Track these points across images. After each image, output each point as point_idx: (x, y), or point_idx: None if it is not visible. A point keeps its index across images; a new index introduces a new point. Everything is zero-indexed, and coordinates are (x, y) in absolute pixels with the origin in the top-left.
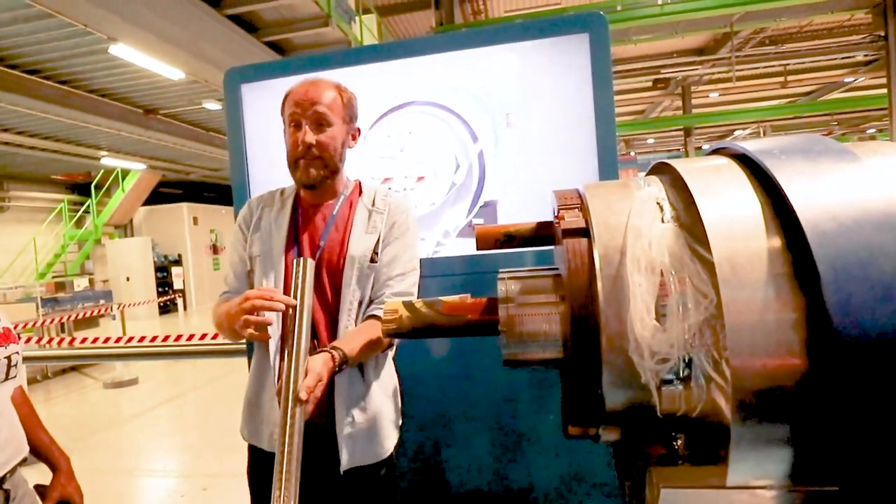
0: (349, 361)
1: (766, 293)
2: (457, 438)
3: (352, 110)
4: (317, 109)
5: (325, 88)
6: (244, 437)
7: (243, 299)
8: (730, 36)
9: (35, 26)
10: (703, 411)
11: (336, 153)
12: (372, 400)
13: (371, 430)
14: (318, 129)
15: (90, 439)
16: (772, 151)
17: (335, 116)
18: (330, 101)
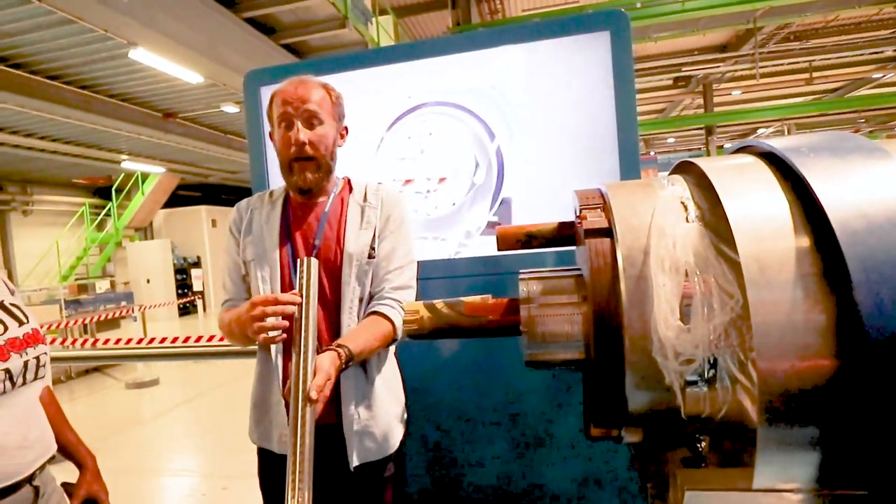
0: (355, 358)
1: (795, 293)
2: (472, 436)
3: (340, 109)
4: (308, 108)
5: (313, 87)
6: (253, 440)
7: (250, 307)
8: (753, 32)
9: (57, 32)
10: (729, 413)
11: (328, 152)
12: (377, 396)
13: (378, 427)
14: (309, 127)
15: (113, 439)
16: (799, 149)
17: (325, 114)
18: (319, 99)
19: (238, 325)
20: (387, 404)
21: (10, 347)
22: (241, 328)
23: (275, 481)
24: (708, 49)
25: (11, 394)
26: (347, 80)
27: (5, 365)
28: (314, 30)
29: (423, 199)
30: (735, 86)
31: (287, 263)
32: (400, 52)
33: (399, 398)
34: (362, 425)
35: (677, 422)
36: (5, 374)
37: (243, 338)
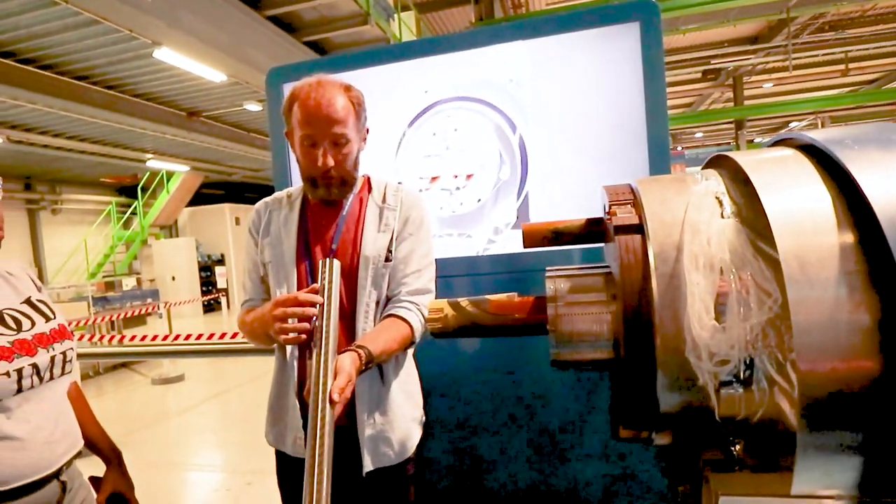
0: (374, 360)
1: (838, 292)
2: (495, 436)
3: (362, 114)
4: (335, 131)
5: (335, 97)
6: (269, 442)
7: (273, 306)
8: (786, 22)
9: (83, 33)
10: (765, 416)
11: (353, 166)
12: (392, 400)
13: (393, 431)
14: (335, 148)
15: (139, 434)
16: (843, 141)
17: (351, 131)
18: (344, 115)
19: (261, 324)
20: (403, 409)
21: (38, 343)
22: (263, 327)
23: (292, 483)
24: (738, 41)
25: (39, 388)
26: (368, 77)
27: (32, 360)
28: (336, 27)
29: (448, 195)
30: (766, 78)
31: (304, 266)
32: (422, 47)
33: (416, 402)
34: (377, 430)
35: (711, 424)
36: (32, 369)
37: (265, 337)
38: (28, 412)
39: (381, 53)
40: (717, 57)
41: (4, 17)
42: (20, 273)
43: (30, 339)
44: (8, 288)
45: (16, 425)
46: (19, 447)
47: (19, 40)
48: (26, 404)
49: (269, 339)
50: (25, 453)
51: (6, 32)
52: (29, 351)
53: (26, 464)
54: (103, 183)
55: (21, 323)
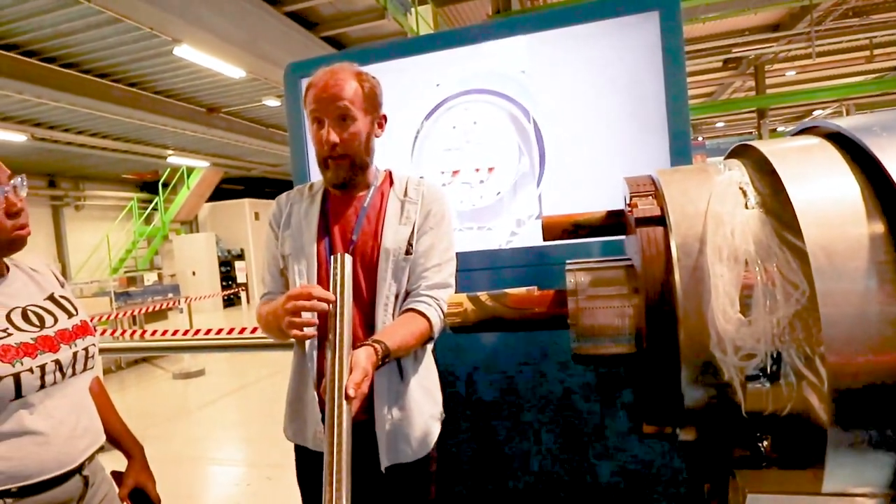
0: (391, 355)
1: (867, 283)
2: (517, 431)
3: (375, 99)
4: (338, 105)
5: (344, 80)
6: (288, 437)
7: (286, 300)
8: (808, 9)
9: (105, 31)
10: (794, 411)
11: (362, 148)
12: (411, 396)
13: (411, 428)
14: (341, 125)
15: (160, 428)
16: (870, 128)
17: (357, 110)
18: (351, 94)
19: (274, 318)
20: (421, 405)
21: (60, 339)
22: (276, 321)
23: (312, 478)
24: (759, 28)
25: (62, 384)
26: (382, 71)
27: (55, 356)
28: (354, 21)
29: (469, 189)
30: (789, 66)
31: (325, 258)
32: (438, 40)
33: (435, 398)
34: (394, 426)
35: (737, 420)
36: (55, 365)
37: (278, 331)
38: (51, 407)
39: (395, 48)
40: (738, 45)
41: (29, 16)
42: (44, 269)
43: (52, 336)
44: (32, 284)
45: (39, 420)
46: (43, 442)
47: (44, 39)
48: (49, 400)
49: (282, 333)
50: (49, 448)
51: (31, 32)
52: (52, 347)
53: (49, 458)
54: (125, 179)
55: (44, 319)
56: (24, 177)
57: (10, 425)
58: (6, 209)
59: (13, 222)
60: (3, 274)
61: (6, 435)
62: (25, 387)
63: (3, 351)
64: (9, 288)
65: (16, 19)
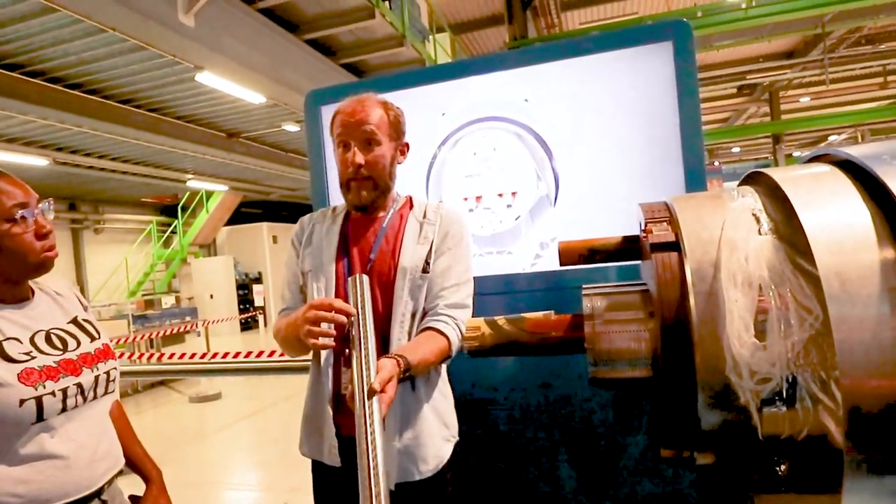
0: (412, 370)
1: (880, 309)
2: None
3: (399, 127)
4: (364, 129)
5: (371, 107)
6: (303, 452)
7: (307, 308)
8: (822, 37)
9: (129, 59)
10: (810, 435)
11: (385, 171)
12: (423, 415)
13: (419, 448)
14: (366, 148)
15: (177, 451)
16: (881, 156)
17: (382, 135)
18: (377, 119)
19: (293, 328)
20: (432, 426)
21: (82, 362)
22: (294, 331)
23: (329, 494)
24: (773, 56)
25: (83, 408)
26: (401, 99)
27: (77, 380)
28: (373, 49)
29: (490, 214)
30: (803, 92)
31: (343, 276)
32: (456, 69)
33: (447, 419)
34: (404, 445)
35: (754, 444)
36: (77, 389)
37: (296, 342)
38: (72, 431)
39: (410, 77)
40: (753, 72)
41: (54, 44)
42: (68, 293)
43: (75, 359)
44: (56, 308)
45: (60, 444)
46: (63, 466)
47: (68, 66)
48: (70, 423)
49: (300, 344)
50: (69, 472)
51: (56, 59)
52: (74, 371)
53: (70, 482)
54: (145, 203)
55: (67, 342)
56: (52, 201)
57: (31, 448)
58: (35, 231)
59: (42, 244)
60: (28, 297)
61: (27, 458)
62: (47, 410)
63: (26, 374)
64: (33, 311)
65: (42, 47)
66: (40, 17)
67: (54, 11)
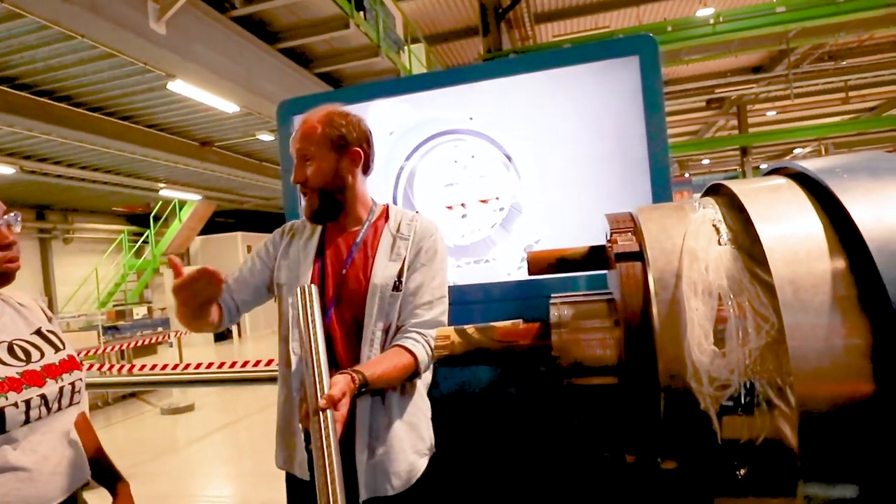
0: (369, 385)
1: (832, 317)
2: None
3: (341, 138)
4: (298, 148)
5: (308, 124)
6: (278, 464)
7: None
8: (786, 53)
9: (98, 66)
10: (768, 439)
11: (327, 180)
12: (394, 432)
13: (392, 462)
14: (303, 164)
15: (148, 465)
16: (834, 170)
17: (318, 149)
18: (311, 136)
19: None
20: (404, 441)
21: (46, 373)
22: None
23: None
24: (741, 70)
25: (47, 419)
26: (367, 110)
27: (41, 391)
28: (348, 59)
29: (466, 221)
30: (770, 106)
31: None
32: (425, 80)
33: (421, 434)
34: (376, 459)
35: (714, 448)
36: (41, 400)
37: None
38: (35, 443)
39: (380, 87)
40: (721, 86)
41: (20, 50)
42: (31, 304)
43: (38, 370)
44: (19, 319)
45: (23, 456)
46: (26, 478)
47: (36, 73)
48: (33, 435)
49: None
50: (33, 484)
51: (24, 65)
52: (38, 381)
53: (33, 495)
54: (116, 212)
55: (30, 354)
56: (19, 213)
57: None
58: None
59: (3, 254)
60: None
61: None
62: (10, 422)
63: None
64: None
65: (7, 53)
66: (6, 22)
67: (21, 17)
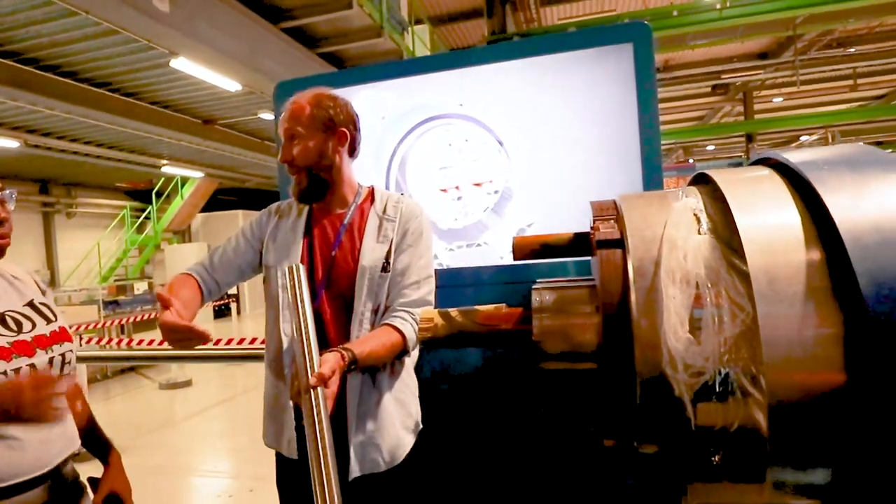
0: (359, 362)
1: (805, 307)
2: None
3: (329, 119)
4: (286, 128)
5: (295, 105)
6: (266, 443)
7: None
8: (794, 39)
9: (102, 42)
10: (742, 426)
11: (314, 160)
12: (384, 408)
13: (383, 439)
14: (290, 144)
15: (145, 438)
16: (815, 162)
17: (304, 128)
18: (298, 116)
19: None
20: (394, 417)
21: (37, 344)
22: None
23: (290, 485)
24: (747, 56)
25: None
26: (360, 92)
27: (30, 360)
28: (350, 39)
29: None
30: (776, 93)
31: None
32: (418, 64)
33: (409, 410)
34: (367, 436)
35: (689, 434)
36: (31, 370)
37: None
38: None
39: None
40: (726, 72)
41: (26, 25)
42: (25, 277)
43: (29, 341)
44: (12, 290)
45: (12, 425)
46: (17, 446)
47: (41, 48)
48: None
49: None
50: (23, 453)
51: (29, 40)
52: (27, 352)
53: (23, 462)
54: (118, 188)
55: (22, 324)
56: (15, 192)
57: None
58: None
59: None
60: None
61: None
62: None
63: None
64: None
65: (13, 27)
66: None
67: None
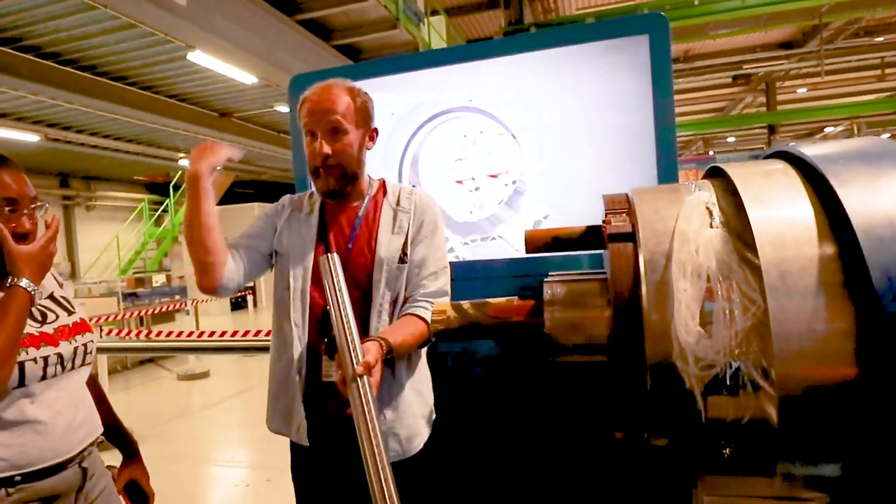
0: (394, 351)
1: (816, 301)
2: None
3: (366, 113)
4: (330, 119)
5: (337, 95)
6: (271, 428)
7: None
8: (819, 28)
9: (120, 36)
10: (753, 419)
11: (353, 159)
12: (403, 397)
13: (401, 428)
14: (332, 138)
15: (163, 427)
16: (830, 156)
17: (349, 123)
18: (343, 108)
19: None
20: (412, 406)
21: (60, 335)
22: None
23: (304, 474)
24: (770, 46)
25: (61, 377)
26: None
27: (57, 350)
28: (366, 31)
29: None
30: (800, 83)
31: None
32: (431, 57)
33: (426, 399)
34: (386, 426)
35: (700, 427)
36: (57, 358)
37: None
38: (51, 398)
39: (390, 63)
40: (749, 62)
41: (46, 19)
42: None
43: (52, 333)
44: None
45: (39, 410)
46: (43, 431)
47: (60, 42)
48: (49, 391)
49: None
50: (48, 437)
51: (48, 34)
52: (52, 342)
53: (48, 447)
54: (136, 181)
55: (46, 315)
56: (46, 203)
57: (12, 413)
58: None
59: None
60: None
61: (8, 423)
62: (28, 375)
63: None
64: None
65: (33, 22)
66: None
67: None
